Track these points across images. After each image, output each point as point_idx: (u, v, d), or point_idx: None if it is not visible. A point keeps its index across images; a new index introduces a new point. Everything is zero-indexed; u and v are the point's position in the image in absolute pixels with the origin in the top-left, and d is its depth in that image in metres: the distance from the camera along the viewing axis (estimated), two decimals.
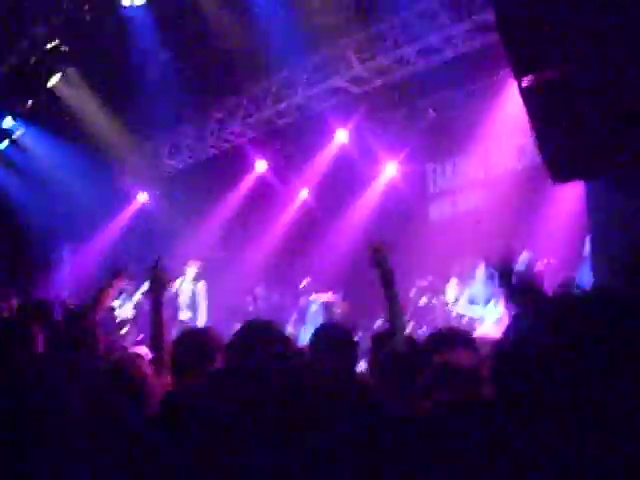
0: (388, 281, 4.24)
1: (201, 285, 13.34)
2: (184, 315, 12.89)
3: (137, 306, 14.42)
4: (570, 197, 11.61)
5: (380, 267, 4.27)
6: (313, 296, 14.18)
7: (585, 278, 11.09)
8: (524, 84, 3.26)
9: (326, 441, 0.83)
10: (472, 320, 11.88)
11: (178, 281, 13.34)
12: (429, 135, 15.76)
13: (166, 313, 4.52)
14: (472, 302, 12.00)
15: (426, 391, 2.72)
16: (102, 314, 5.45)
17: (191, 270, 13.45)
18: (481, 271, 11.78)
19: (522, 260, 11.60)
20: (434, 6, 11.10)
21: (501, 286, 2.78)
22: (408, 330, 8.67)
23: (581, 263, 11.48)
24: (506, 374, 1.18)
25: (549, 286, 9.85)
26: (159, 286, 4.46)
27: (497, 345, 1.28)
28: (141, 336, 13.00)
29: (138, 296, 14.17)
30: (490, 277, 11.72)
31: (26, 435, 2.41)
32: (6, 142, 14.84)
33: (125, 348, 5.55)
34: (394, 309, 4.23)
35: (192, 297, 13.20)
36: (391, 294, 4.24)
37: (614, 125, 3.14)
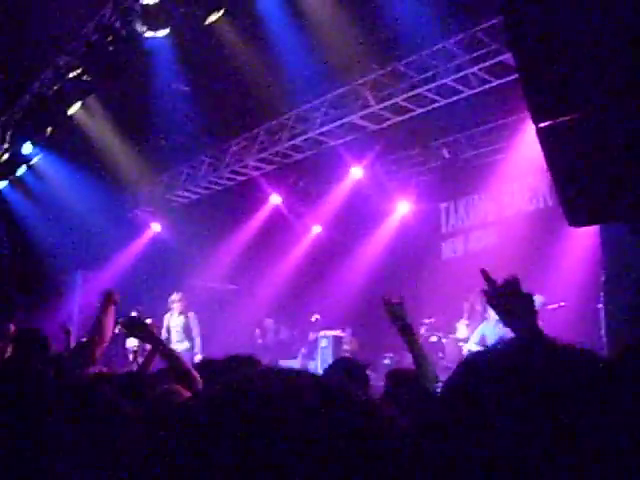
0: (408, 333, 4.28)
1: (191, 315, 13.21)
2: (180, 346, 12.75)
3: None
4: (583, 240, 11.60)
5: (399, 321, 4.30)
6: (322, 332, 14.15)
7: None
8: (542, 126, 3.29)
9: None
10: None
11: (167, 316, 13.26)
12: (443, 174, 15.84)
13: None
14: (482, 342, 11.99)
15: None
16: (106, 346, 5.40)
17: (177, 305, 13.29)
18: (492, 312, 11.72)
19: (536, 302, 11.56)
20: (451, 46, 11.20)
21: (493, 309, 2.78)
22: None
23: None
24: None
25: (559, 329, 9.84)
26: (143, 333, 4.47)
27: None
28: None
29: None
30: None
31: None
32: (24, 168, 14.95)
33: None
34: (418, 353, 4.25)
35: (185, 328, 13.05)
36: (413, 344, 4.28)
37: (634, 170, 3.16)
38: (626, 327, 5.38)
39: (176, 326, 13.06)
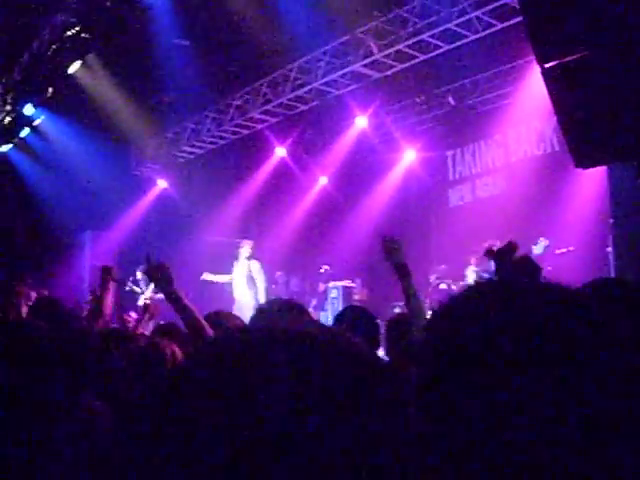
0: (402, 273, 4.23)
1: (255, 264, 13.28)
2: (243, 295, 12.91)
3: (153, 295, 14.58)
4: (591, 184, 11.54)
5: (393, 260, 4.24)
6: (332, 283, 14.20)
7: None
8: (547, 68, 3.23)
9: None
10: None
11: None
12: (448, 121, 15.73)
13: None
14: None
15: None
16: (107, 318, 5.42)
17: (244, 250, 13.38)
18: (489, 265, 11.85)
19: (540, 246, 11.65)
20: None
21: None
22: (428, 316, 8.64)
23: None
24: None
25: (568, 274, 9.84)
26: (162, 281, 4.36)
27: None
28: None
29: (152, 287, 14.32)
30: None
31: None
32: (27, 130, 14.91)
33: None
34: (411, 297, 4.22)
35: (248, 276, 13.15)
36: (406, 284, 4.23)
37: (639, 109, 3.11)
38: (635, 269, 5.37)
39: (240, 273, 13.15)
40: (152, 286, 14.63)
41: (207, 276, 13.38)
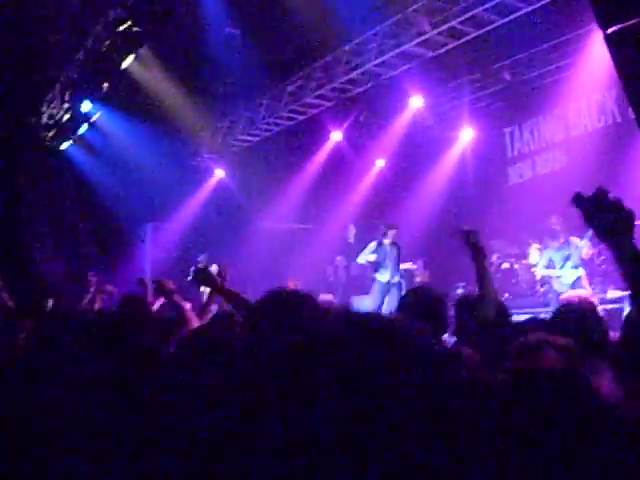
0: (479, 256, 4.34)
1: (396, 249, 13.47)
2: (392, 277, 13.13)
3: None
4: None
5: (473, 247, 4.34)
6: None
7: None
8: (610, 32, 3.10)
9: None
10: (554, 282, 11.79)
11: (372, 245, 13.57)
12: (506, 97, 15.48)
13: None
14: (549, 266, 11.93)
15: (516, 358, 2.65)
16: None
17: (391, 233, 13.51)
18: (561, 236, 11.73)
19: None
20: None
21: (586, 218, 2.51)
22: None
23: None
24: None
25: None
26: (209, 282, 4.75)
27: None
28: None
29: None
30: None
31: None
32: (85, 126, 15.13)
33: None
34: (485, 279, 4.32)
35: (396, 259, 13.33)
36: (481, 267, 4.35)
37: None
38: None
39: (390, 253, 13.38)
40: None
41: (362, 259, 13.58)
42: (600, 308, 4.28)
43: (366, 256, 13.52)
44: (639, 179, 12.01)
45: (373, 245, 13.49)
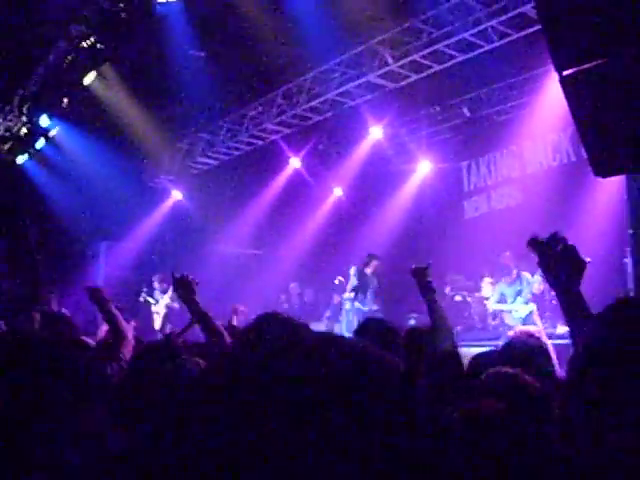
0: (428, 291, 4.54)
1: (376, 279, 13.56)
2: (363, 305, 13.16)
3: (169, 304, 14.78)
4: (608, 194, 11.45)
5: (420, 281, 4.59)
6: (346, 294, 14.12)
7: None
8: (566, 74, 3.18)
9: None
10: (505, 316, 12.03)
11: (352, 270, 13.64)
12: (464, 132, 15.68)
13: None
14: (501, 301, 12.15)
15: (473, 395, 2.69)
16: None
17: (373, 263, 13.55)
18: (513, 271, 11.98)
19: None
20: (469, 0, 10.96)
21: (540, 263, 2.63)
22: None
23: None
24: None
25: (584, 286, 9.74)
26: (185, 291, 4.68)
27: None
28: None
29: (169, 294, 14.50)
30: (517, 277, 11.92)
31: None
32: (42, 141, 14.96)
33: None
34: (435, 312, 4.44)
35: (375, 289, 13.58)
36: (432, 301, 4.52)
37: None
38: None
39: (370, 285, 13.48)
40: (167, 295, 14.77)
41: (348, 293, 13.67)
42: (549, 343, 4.30)
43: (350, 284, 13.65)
44: (590, 217, 12.25)
45: (353, 271, 13.56)
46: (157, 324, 14.99)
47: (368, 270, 13.50)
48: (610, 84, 3.19)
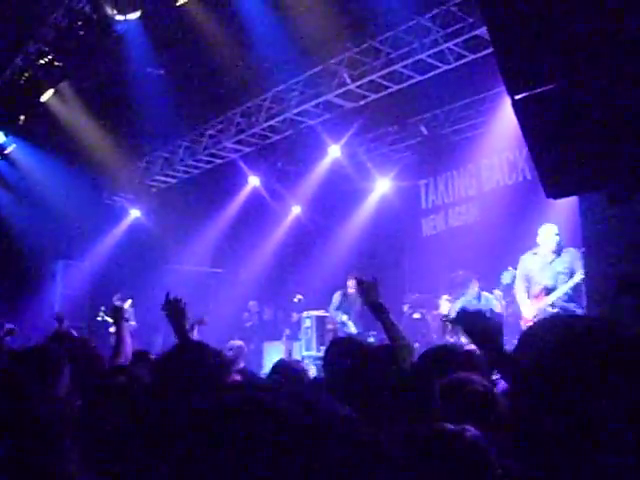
0: (379, 311, 4.47)
1: (360, 300, 13.45)
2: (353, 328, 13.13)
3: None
4: (563, 213, 11.62)
5: (370, 300, 4.53)
6: (305, 312, 14.13)
7: None
8: (518, 98, 3.26)
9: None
10: (462, 334, 12.05)
11: (337, 295, 13.47)
12: (422, 151, 15.81)
13: None
14: None
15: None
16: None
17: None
18: (472, 289, 12.01)
19: (508, 275, 11.78)
20: (426, 21, 11.15)
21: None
22: None
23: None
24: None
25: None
26: (177, 314, 4.84)
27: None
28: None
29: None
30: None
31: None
32: None
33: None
34: (392, 331, 4.43)
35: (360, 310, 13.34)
36: (385, 320, 4.44)
37: (610, 140, 3.14)
38: (607, 299, 5.39)
39: (354, 306, 13.19)
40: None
41: (333, 313, 13.53)
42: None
43: (336, 313, 13.50)
44: None
45: (338, 296, 13.47)
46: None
47: (351, 290, 13.41)
48: (559, 109, 3.27)
